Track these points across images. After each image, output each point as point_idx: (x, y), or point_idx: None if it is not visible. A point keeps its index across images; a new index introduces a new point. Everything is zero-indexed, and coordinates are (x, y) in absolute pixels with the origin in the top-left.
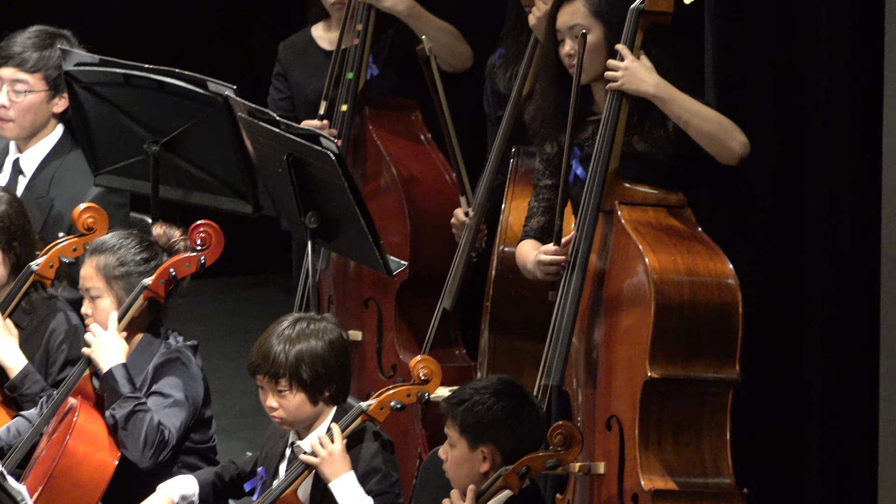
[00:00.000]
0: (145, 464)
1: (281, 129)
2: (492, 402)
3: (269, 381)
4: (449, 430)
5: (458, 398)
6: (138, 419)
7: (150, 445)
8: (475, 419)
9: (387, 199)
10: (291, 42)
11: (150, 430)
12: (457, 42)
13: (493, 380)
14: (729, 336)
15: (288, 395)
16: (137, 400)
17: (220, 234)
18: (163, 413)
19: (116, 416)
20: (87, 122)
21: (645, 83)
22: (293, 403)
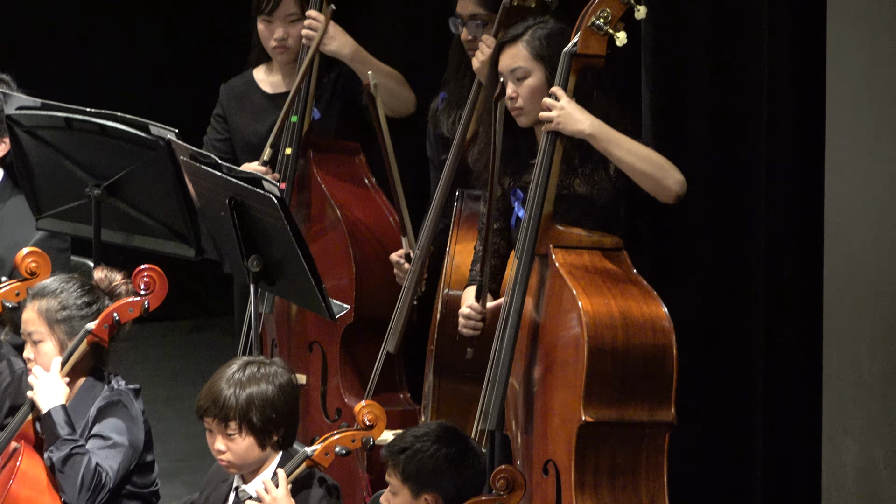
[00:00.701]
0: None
1: (223, 172)
2: (434, 450)
3: (219, 424)
4: (391, 478)
5: (400, 446)
6: (75, 461)
7: (87, 488)
8: (417, 467)
9: (332, 243)
10: (233, 84)
11: (87, 473)
12: (400, 87)
13: (434, 426)
14: (663, 379)
15: (237, 439)
16: (75, 442)
17: (164, 279)
18: (101, 455)
19: (53, 458)
20: (28, 166)
21: (580, 122)
22: (242, 447)
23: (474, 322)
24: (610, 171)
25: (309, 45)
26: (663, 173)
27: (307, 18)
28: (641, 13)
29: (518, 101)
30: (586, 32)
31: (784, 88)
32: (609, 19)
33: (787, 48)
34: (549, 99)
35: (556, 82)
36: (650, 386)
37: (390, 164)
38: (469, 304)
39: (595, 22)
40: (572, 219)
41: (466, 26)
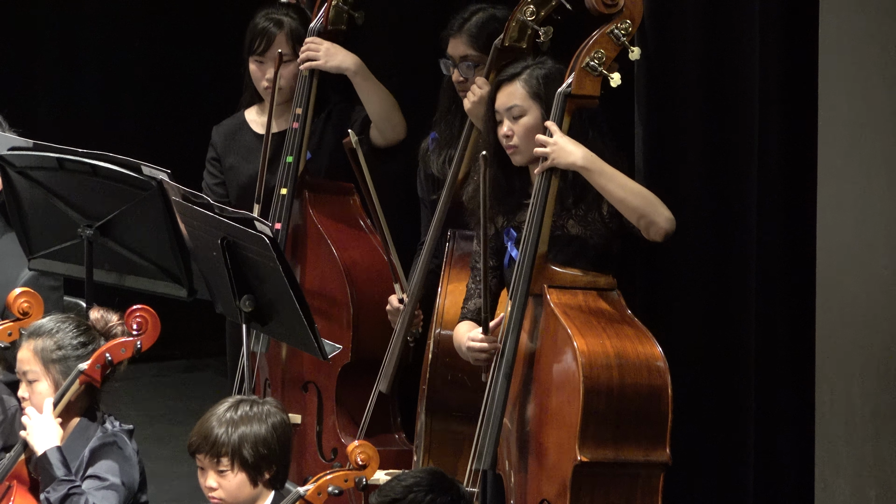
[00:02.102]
0: None
1: (215, 212)
2: (428, 500)
3: (211, 461)
4: None
5: (392, 497)
6: (72, 502)
7: None
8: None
9: (329, 283)
10: (225, 126)
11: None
12: (396, 111)
13: (424, 475)
14: (659, 419)
15: (229, 475)
16: (72, 483)
17: (156, 319)
18: (97, 496)
19: (51, 499)
20: (20, 206)
21: (573, 155)
22: (233, 484)
23: (483, 354)
24: (603, 211)
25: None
26: (653, 209)
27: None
28: (635, 54)
29: (513, 140)
30: (581, 73)
31: (775, 128)
32: (603, 60)
33: (777, 89)
34: (542, 135)
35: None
36: (645, 426)
37: (377, 213)
38: (472, 336)
39: (589, 63)
40: (566, 259)
41: (458, 67)
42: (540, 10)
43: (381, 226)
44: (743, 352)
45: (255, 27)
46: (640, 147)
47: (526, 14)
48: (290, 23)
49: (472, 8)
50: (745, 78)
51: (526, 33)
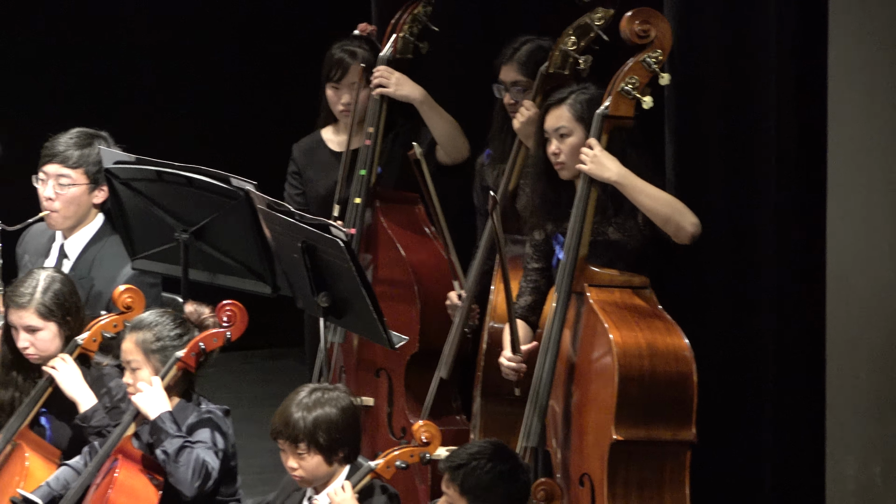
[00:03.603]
0: (191, 492)
1: (296, 219)
2: (490, 467)
3: (290, 445)
4: (448, 490)
5: (458, 462)
6: (186, 453)
7: (198, 476)
8: (475, 482)
9: (398, 282)
10: (304, 143)
11: (197, 464)
12: (459, 134)
13: (487, 445)
14: (685, 402)
15: (306, 457)
16: (185, 438)
17: (244, 313)
18: (204, 453)
19: (168, 450)
20: (124, 213)
21: (609, 170)
22: (311, 464)
23: (514, 373)
24: (639, 219)
25: (379, 100)
26: (680, 216)
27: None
28: (665, 80)
29: (561, 157)
30: (616, 97)
31: (790, 147)
32: (637, 85)
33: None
34: (584, 148)
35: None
36: (673, 408)
37: (439, 218)
38: (506, 356)
39: (624, 87)
40: (605, 261)
41: (509, 91)
42: (580, 40)
43: (442, 231)
44: (762, 342)
45: (331, 57)
46: (669, 160)
47: (568, 44)
48: (362, 53)
49: (521, 39)
50: (762, 101)
51: (568, 61)
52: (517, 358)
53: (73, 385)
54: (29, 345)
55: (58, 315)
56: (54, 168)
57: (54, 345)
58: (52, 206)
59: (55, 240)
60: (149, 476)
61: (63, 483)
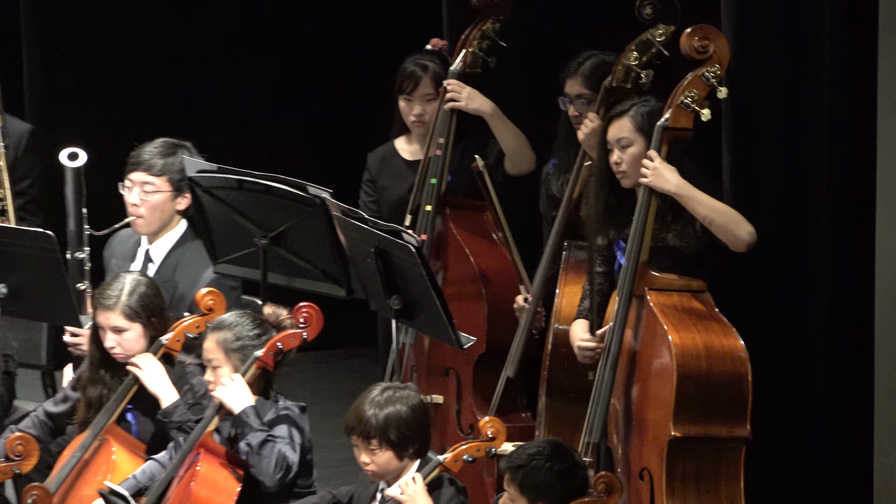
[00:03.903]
0: (273, 484)
1: (369, 225)
2: (548, 467)
3: (363, 441)
4: (510, 488)
5: (517, 463)
6: (269, 446)
7: (279, 468)
8: (534, 482)
9: (467, 285)
10: (378, 153)
11: (279, 457)
12: (526, 146)
13: (545, 445)
14: (741, 401)
15: (378, 453)
16: (268, 431)
17: (320, 314)
18: (283, 447)
19: (252, 443)
20: (206, 219)
21: (668, 182)
22: (382, 459)
23: (591, 353)
24: (696, 227)
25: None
26: (737, 226)
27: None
28: (723, 93)
29: (622, 166)
30: (676, 109)
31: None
32: (695, 98)
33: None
34: (645, 160)
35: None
36: (729, 407)
37: (503, 226)
38: (582, 337)
39: (683, 100)
40: (665, 266)
41: (573, 104)
42: (642, 55)
43: (506, 236)
44: (813, 345)
45: (404, 70)
46: (726, 171)
47: (630, 59)
48: (433, 67)
49: (585, 54)
50: (815, 113)
51: (630, 75)
52: (595, 339)
53: (157, 383)
54: (116, 344)
55: (143, 316)
56: (140, 176)
57: (139, 345)
58: (137, 212)
59: (140, 244)
60: (229, 469)
61: (149, 476)
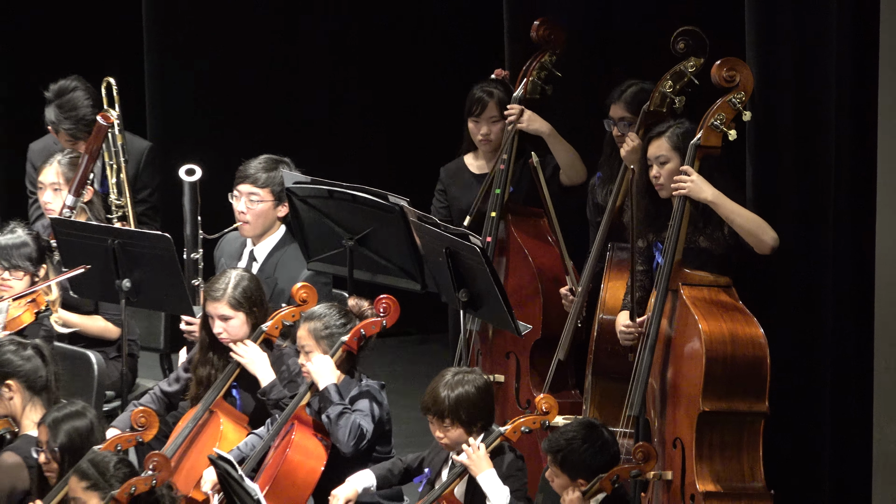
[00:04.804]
0: (348, 450)
1: (441, 229)
2: (584, 448)
3: (437, 420)
4: (552, 467)
5: (556, 447)
6: (345, 417)
7: (353, 437)
8: (571, 463)
9: (525, 281)
10: (449, 167)
11: (353, 426)
12: (578, 161)
13: (580, 429)
14: (760, 381)
15: (450, 429)
16: (345, 405)
17: (397, 305)
18: (359, 417)
19: (331, 415)
20: (301, 224)
21: (705, 192)
22: (454, 434)
23: (632, 336)
24: (725, 231)
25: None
26: (762, 232)
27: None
28: (747, 117)
29: (660, 179)
30: (707, 130)
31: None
32: (724, 120)
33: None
34: (682, 175)
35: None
36: (750, 386)
37: (556, 230)
38: (625, 323)
39: (713, 122)
40: (696, 265)
41: (617, 125)
42: (676, 84)
43: (559, 239)
44: (822, 333)
45: (473, 95)
46: (750, 183)
47: (666, 87)
48: (498, 93)
49: (627, 82)
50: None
51: (666, 101)
52: (635, 325)
53: (257, 364)
54: (222, 330)
55: (246, 306)
56: (246, 187)
57: (243, 331)
58: (243, 218)
59: (246, 246)
60: (319, 438)
61: (250, 446)
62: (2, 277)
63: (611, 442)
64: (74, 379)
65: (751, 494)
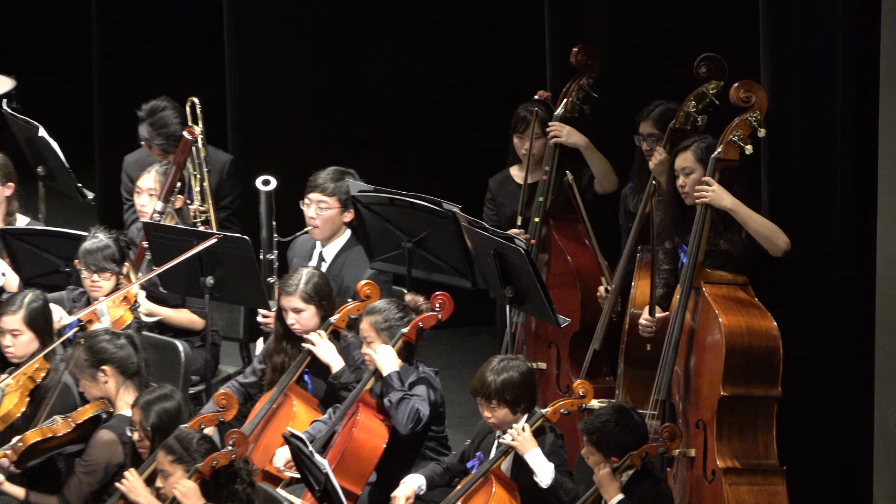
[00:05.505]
0: (406, 431)
1: (489, 233)
2: (616, 430)
3: (485, 401)
4: (588, 447)
5: (591, 428)
6: (405, 402)
7: (410, 420)
8: (605, 443)
9: (566, 279)
10: (497, 178)
11: (412, 411)
12: (611, 171)
13: (612, 413)
14: (774, 369)
15: (497, 410)
16: (405, 391)
17: (451, 300)
18: (417, 402)
19: (392, 400)
20: (365, 228)
21: (725, 200)
22: (500, 414)
23: (649, 329)
24: (742, 235)
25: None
26: (776, 236)
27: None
28: (762, 133)
29: (685, 189)
30: (726, 145)
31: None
32: (741, 137)
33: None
34: (704, 185)
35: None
36: (765, 373)
37: (591, 234)
38: (645, 317)
39: (732, 138)
40: (717, 265)
41: (646, 141)
42: (699, 104)
43: (594, 242)
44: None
45: (517, 114)
46: (764, 192)
47: (690, 107)
48: (540, 112)
49: (655, 102)
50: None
51: (690, 119)
52: (652, 319)
53: (327, 353)
54: (295, 322)
55: (316, 300)
56: (316, 196)
57: (313, 322)
58: (313, 223)
59: (316, 248)
60: (381, 419)
61: (317, 430)
62: (91, 280)
63: (640, 423)
64: (163, 365)
65: (765, 470)
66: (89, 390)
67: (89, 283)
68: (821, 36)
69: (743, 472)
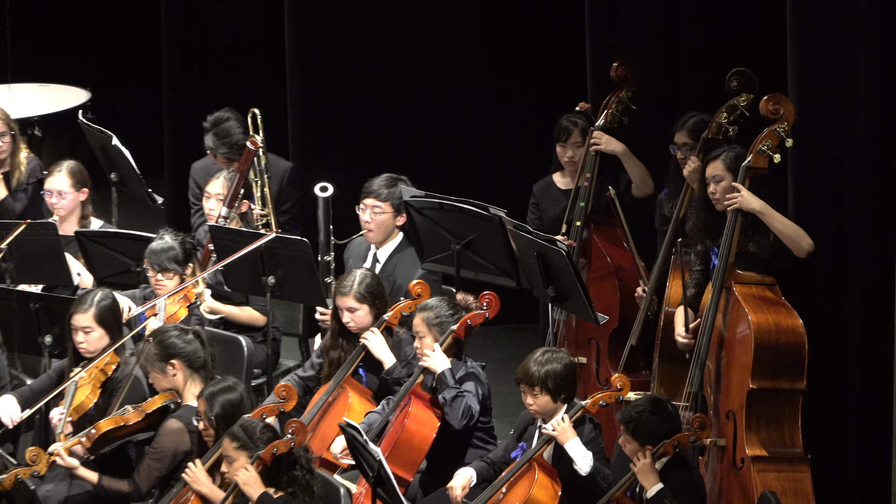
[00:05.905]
0: (459, 427)
1: (533, 236)
2: (652, 420)
3: (528, 388)
4: (624, 434)
5: (628, 418)
6: (459, 400)
7: (464, 416)
8: (641, 432)
9: (605, 279)
10: (540, 184)
11: (465, 408)
12: (648, 177)
13: (647, 403)
14: (800, 364)
15: (539, 397)
16: (458, 389)
17: (497, 299)
18: (470, 400)
19: (446, 397)
20: (417, 231)
21: (752, 204)
22: (542, 402)
23: (688, 346)
24: (770, 238)
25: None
26: (801, 238)
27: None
28: (790, 143)
29: (717, 195)
30: (756, 154)
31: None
32: (770, 146)
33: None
34: (734, 192)
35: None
36: (791, 367)
37: (629, 236)
38: (680, 332)
39: (761, 148)
40: (746, 266)
41: (680, 150)
42: (730, 116)
43: (631, 244)
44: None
45: (560, 125)
46: (791, 197)
47: (721, 118)
48: (581, 123)
49: (689, 114)
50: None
51: (722, 130)
52: (688, 336)
53: (380, 349)
54: (350, 320)
55: (369, 300)
56: (370, 201)
57: (367, 320)
58: (368, 227)
59: (370, 250)
60: (432, 410)
61: (374, 419)
62: (156, 279)
63: (674, 414)
64: (228, 359)
65: (791, 458)
66: (158, 382)
67: (154, 281)
68: (844, 51)
69: (770, 460)
